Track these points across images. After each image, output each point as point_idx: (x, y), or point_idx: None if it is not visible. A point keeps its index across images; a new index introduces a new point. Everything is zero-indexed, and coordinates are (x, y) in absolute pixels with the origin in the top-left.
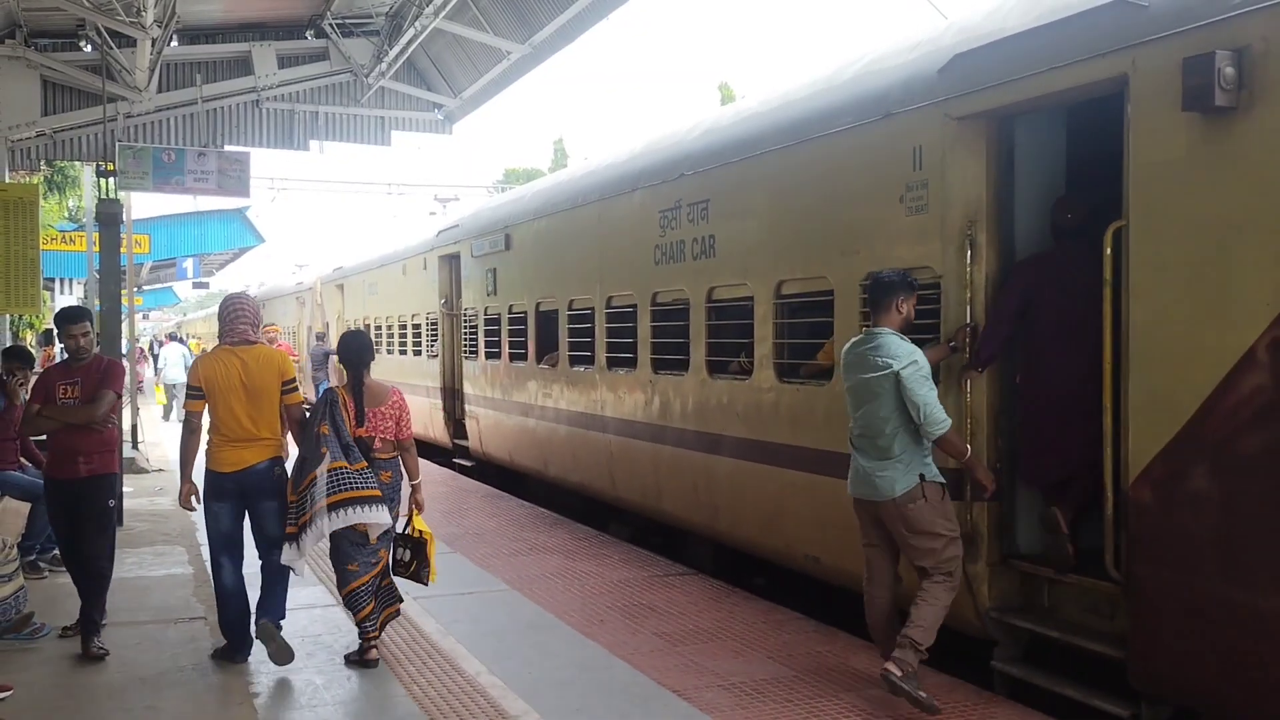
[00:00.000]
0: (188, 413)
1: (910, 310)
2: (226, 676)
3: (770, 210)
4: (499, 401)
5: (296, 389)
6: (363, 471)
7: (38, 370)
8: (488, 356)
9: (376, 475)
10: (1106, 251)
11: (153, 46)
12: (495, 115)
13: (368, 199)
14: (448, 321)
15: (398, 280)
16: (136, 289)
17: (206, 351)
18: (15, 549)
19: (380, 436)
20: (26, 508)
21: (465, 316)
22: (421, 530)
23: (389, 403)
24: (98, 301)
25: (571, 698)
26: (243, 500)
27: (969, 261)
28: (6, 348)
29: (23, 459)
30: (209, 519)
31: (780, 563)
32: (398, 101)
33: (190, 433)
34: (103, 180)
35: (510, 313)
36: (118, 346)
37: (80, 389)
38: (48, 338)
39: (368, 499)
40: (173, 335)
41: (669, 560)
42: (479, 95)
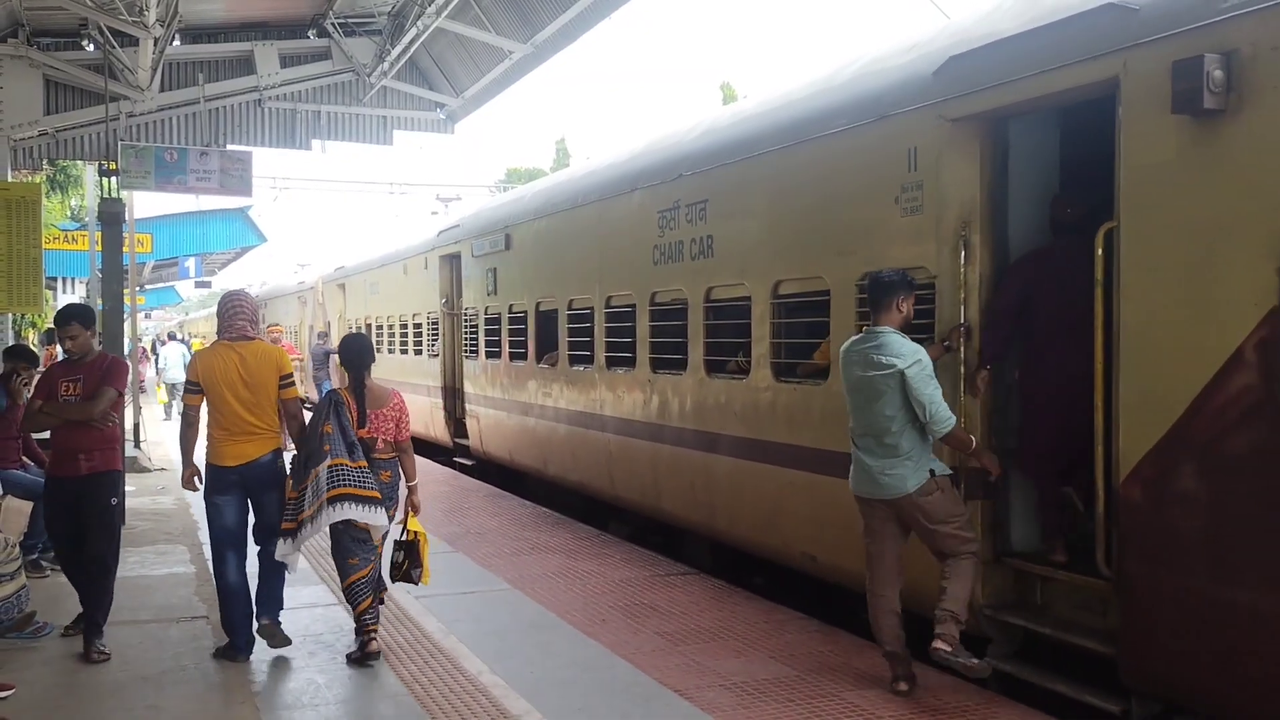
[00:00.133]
0: (185, 406)
1: (910, 309)
2: (228, 675)
3: (768, 211)
4: (499, 401)
5: (294, 384)
6: (363, 470)
7: (41, 369)
8: (488, 356)
9: (376, 475)
10: (1098, 252)
11: (155, 46)
12: (497, 115)
13: (370, 198)
14: (448, 321)
15: (399, 280)
16: (139, 288)
17: (205, 347)
18: (17, 548)
19: (382, 438)
20: (29, 506)
21: (466, 316)
22: (416, 531)
23: (390, 405)
24: (100, 301)
25: (573, 697)
26: (245, 493)
27: (963, 262)
28: (9, 347)
29: (25, 458)
30: (212, 514)
31: (778, 561)
32: (400, 101)
33: (188, 425)
34: (105, 179)
35: (510, 312)
36: (120, 346)
37: (82, 386)
38: (50, 337)
39: (367, 499)
40: (172, 335)
41: (670, 560)
42: (481, 95)
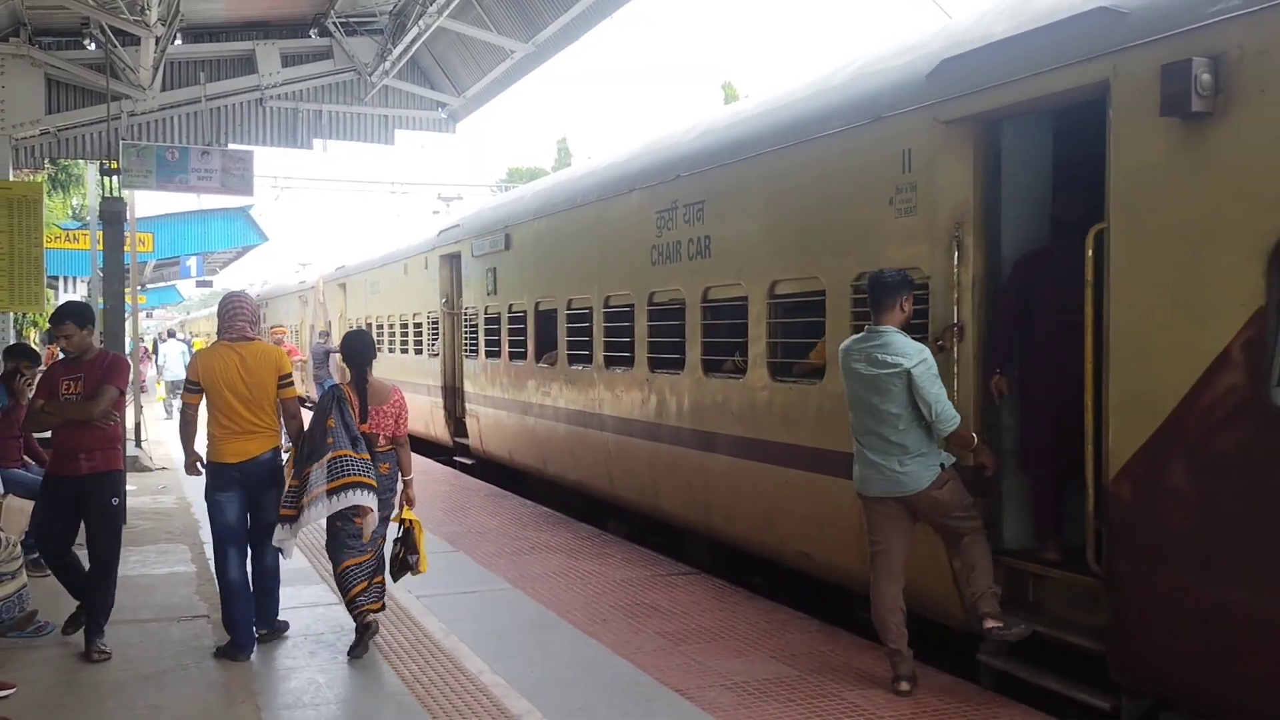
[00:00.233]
0: (184, 405)
1: (910, 309)
2: (229, 675)
3: (764, 211)
4: (499, 400)
5: (293, 384)
6: (366, 461)
7: (43, 368)
8: (488, 355)
9: (376, 468)
10: (1088, 253)
11: (156, 45)
12: (499, 114)
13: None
14: (448, 320)
15: (399, 279)
16: (140, 287)
17: (206, 347)
18: (19, 547)
19: (383, 433)
20: (30, 506)
21: (466, 315)
22: (410, 519)
23: (390, 401)
24: (101, 300)
25: (574, 697)
26: (246, 491)
27: (956, 263)
28: (11, 345)
29: (26, 457)
30: (214, 511)
31: (774, 559)
32: (401, 100)
33: (186, 423)
34: (106, 178)
35: (510, 312)
36: (121, 345)
37: (83, 385)
38: (51, 335)
39: (366, 486)
40: (171, 333)
41: (671, 560)
42: (482, 94)
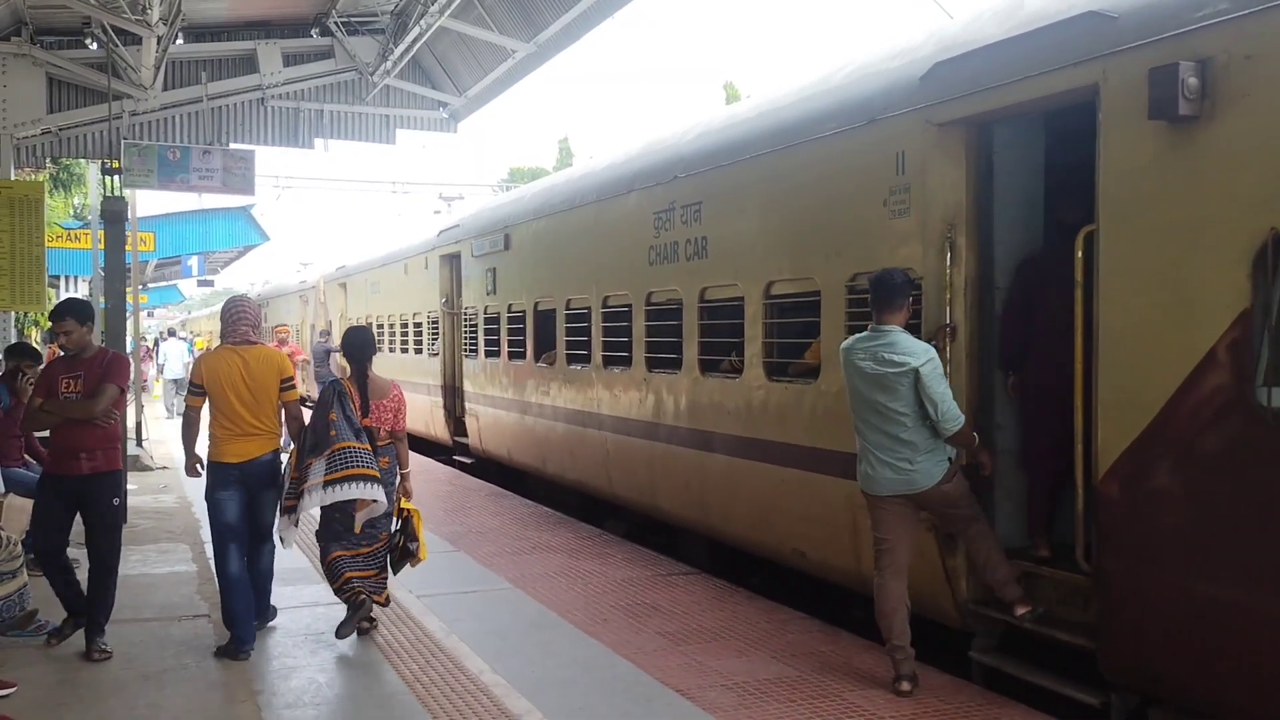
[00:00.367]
0: (188, 407)
1: (910, 309)
2: (229, 674)
3: (761, 213)
4: (498, 399)
5: (294, 387)
6: (368, 452)
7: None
8: (487, 355)
9: (376, 460)
10: (1078, 255)
11: (158, 44)
12: (500, 114)
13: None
14: (448, 320)
15: (400, 279)
16: (141, 287)
17: (209, 350)
18: (19, 546)
19: (383, 427)
20: (31, 504)
21: (465, 315)
22: (407, 508)
23: (390, 396)
24: (102, 299)
25: (574, 697)
26: (245, 490)
27: (949, 264)
28: (12, 344)
29: (27, 456)
30: (214, 510)
31: (769, 557)
32: (403, 100)
33: (189, 424)
34: (108, 178)
35: (509, 312)
36: (123, 344)
37: (82, 383)
38: (53, 335)
39: (368, 477)
40: (172, 331)
41: (672, 560)
42: (484, 94)
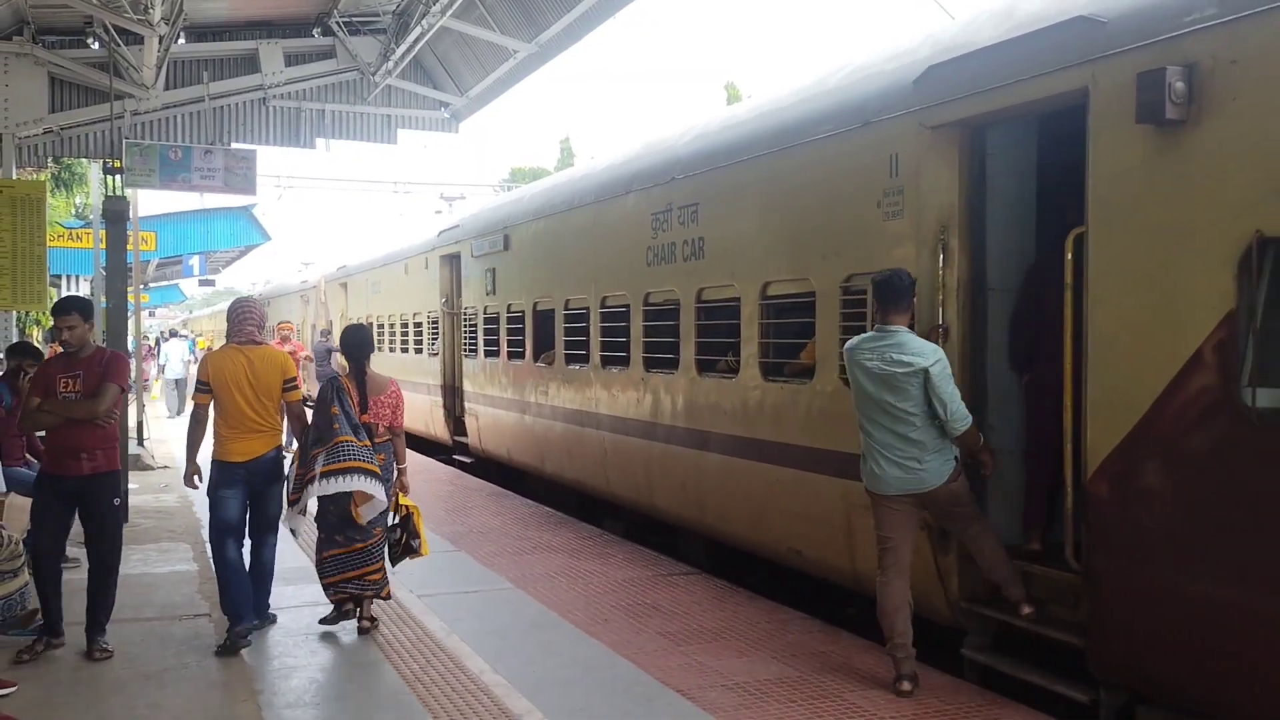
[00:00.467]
0: (195, 405)
1: (913, 310)
2: (230, 673)
3: (757, 214)
4: (497, 399)
5: (297, 387)
6: (368, 448)
7: None
8: (487, 355)
9: (375, 457)
10: (1068, 256)
11: (160, 44)
12: (502, 114)
13: (374, 197)
14: (448, 320)
15: (400, 279)
16: (143, 286)
17: (214, 349)
18: (21, 545)
19: (381, 423)
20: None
21: (465, 315)
22: (406, 505)
23: (388, 392)
24: (104, 298)
25: (575, 697)
26: (249, 487)
27: (941, 265)
28: (14, 343)
29: (29, 455)
30: (215, 506)
31: (765, 556)
32: (404, 100)
33: (196, 423)
34: (109, 177)
35: (509, 312)
36: (124, 343)
37: (82, 382)
38: (55, 334)
39: (371, 473)
40: (174, 332)
41: (672, 560)
42: (485, 94)
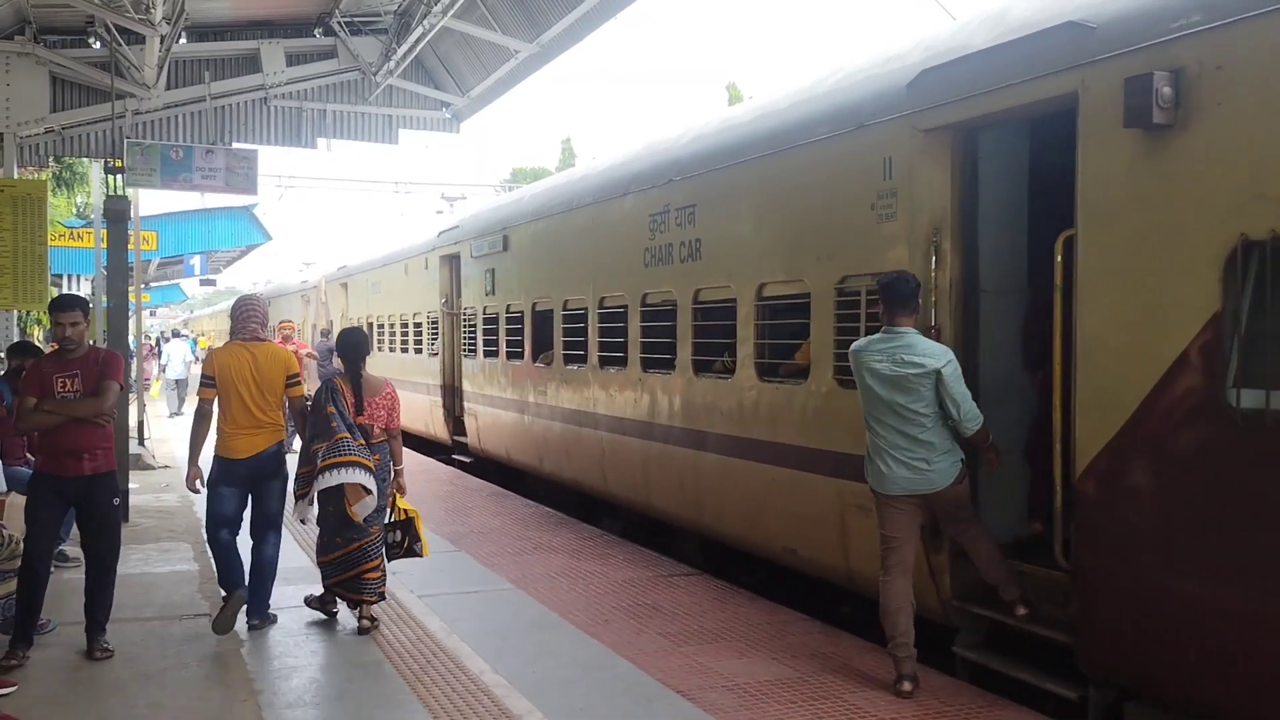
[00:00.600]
0: (200, 400)
1: (919, 311)
2: (230, 673)
3: (753, 216)
4: (496, 399)
5: (299, 383)
6: (364, 447)
7: None
8: (486, 355)
9: (370, 455)
10: (1057, 259)
11: (161, 44)
12: (503, 114)
13: (375, 197)
14: (448, 320)
15: (400, 279)
16: (144, 286)
17: (218, 346)
18: (21, 544)
19: (377, 425)
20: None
21: (465, 316)
22: (406, 510)
23: (383, 393)
24: (105, 298)
25: (575, 697)
26: (250, 483)
27: (934, 267)
28: (15, 343)
29: (29, 454)
30: (213, 500)
31: (761, 555)
32: (405, 100)
33: (201, 418)
34: (111, 177)
35: (508, 312)
36: (125, 342)
37: (80, 381)
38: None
39: (360, 465)
40: (176, 332)
41: (673, 560)
42: (487, 94)
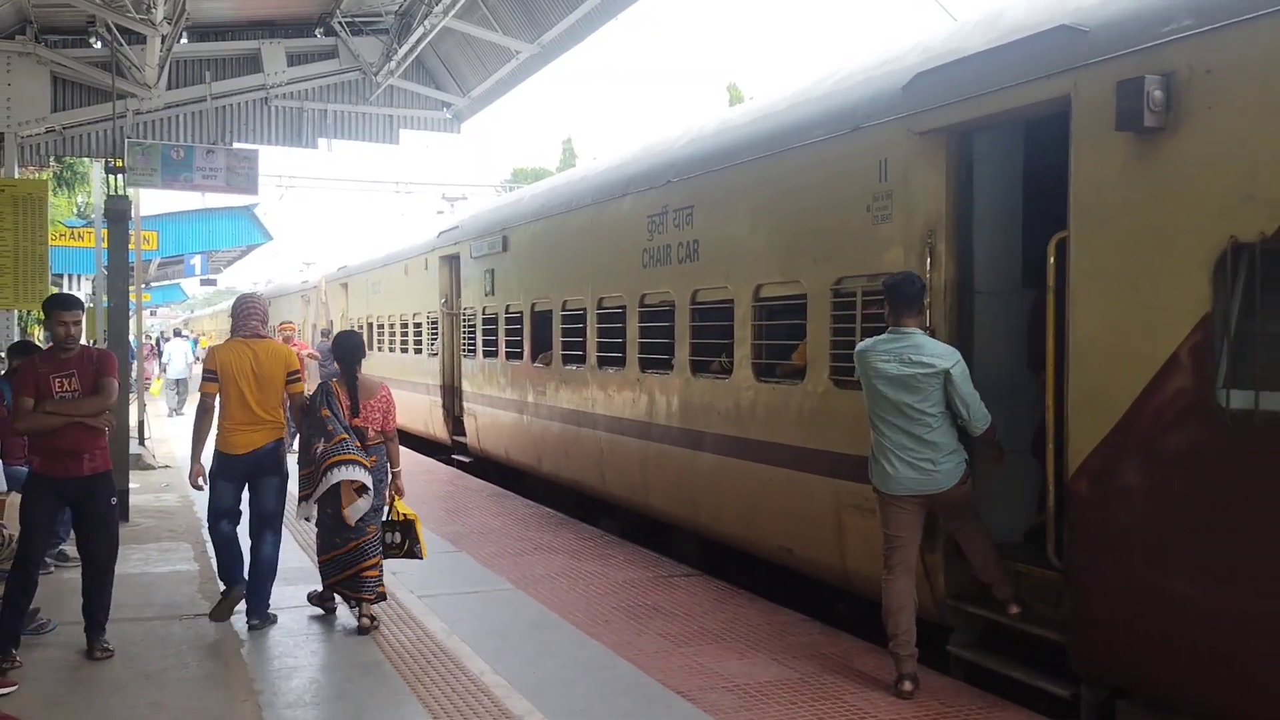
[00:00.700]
0: (203, 394)
1: (925, 312)
2: (230, 673)
3: (750, 217)
4: (496, 399)
5: (300, 380)
6: (360, 448)
7: None
8: (485, 355)
9: (367, 457)
10: (1050, 260)
11: (162, 43)
12: (504, 114)
13: (376, 197)
14: (447, 321)
15: (400, 280)
16: (144, 285)
17: (220, 343)
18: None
19: (372, 427)
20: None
21: (464, 316)
22: (405, 513)
23: (378, 396)
24: (105, 298)
25: (575, 698)
26: (248, 478)
27: (929, 268)
28: (16, 342)
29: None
30: (214, 494)
31: (756, 554)
32: (406, 100)
33: (204, 413)
34: (111, 177)
35: (507, 313)
36: (126, 342)
37: (78, 380)
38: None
39: (356, 463)
40: (177, 331)
41: (674, 561)
42: (488, 94)
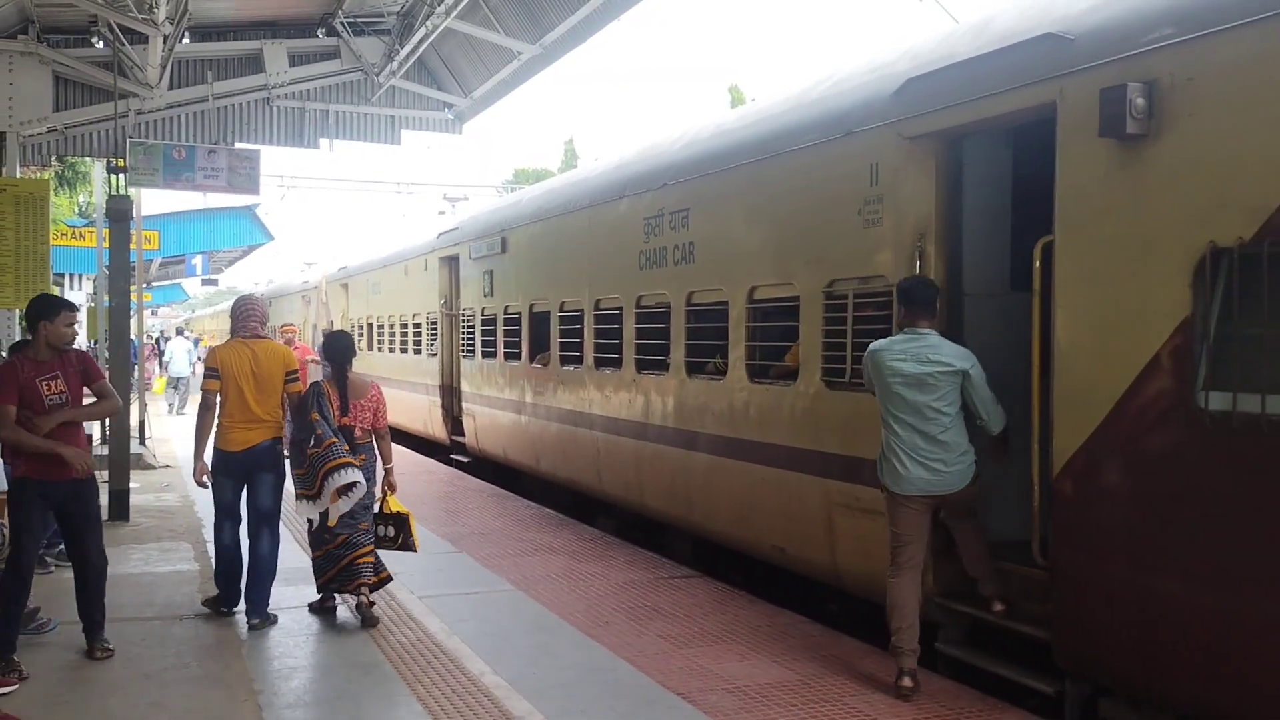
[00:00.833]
0: (205, 391)
1: (938, 313)
2: (230, 673)
3: (744, 220)
4: (494, 399)
5: (298, 380)
6: (347, 451)
7: None
8: (484, 355)
9: (356, 459)
10: (1035, 264)
11: (164, 43)
12: (505, 115)
13: (377, 198)
14: (447, 321)
15: (400, 280)
16: (145, 285)
17: (221, 343)
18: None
19: (360, 426)
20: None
21: (463, 316)
22: (398, 510)
23: (368, 395)
24: (107, 297)
25: (575, 699)
26: (245, 475)
27: (918, 272)
28: (17, 342)
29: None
30: (216, 490)
31: (750, 553)
32: (408, 100)
33: (206, 409)
34: (113, 176)
35: (505, 313)
36: (127, 341)
37: (63, 383)
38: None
39: (355, 467)
40: (179, 330)
41: (674, 562)
42: (489, 95)
